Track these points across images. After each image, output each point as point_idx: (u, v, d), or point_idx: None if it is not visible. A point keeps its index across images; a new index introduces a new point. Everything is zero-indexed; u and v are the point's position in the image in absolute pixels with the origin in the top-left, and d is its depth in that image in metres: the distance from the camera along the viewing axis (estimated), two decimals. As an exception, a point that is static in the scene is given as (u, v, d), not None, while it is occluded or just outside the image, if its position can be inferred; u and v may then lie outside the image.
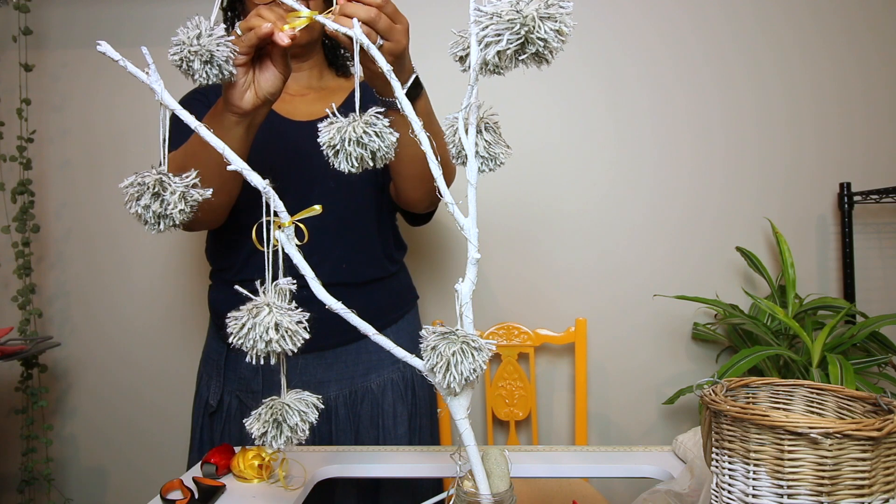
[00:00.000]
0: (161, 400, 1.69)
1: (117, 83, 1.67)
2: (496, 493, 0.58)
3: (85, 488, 1.72)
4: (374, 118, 0.56)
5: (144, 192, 0.53)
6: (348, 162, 0.56)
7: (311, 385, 1.02)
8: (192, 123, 0.56)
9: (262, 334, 0.53)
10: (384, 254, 1.09)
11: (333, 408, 1.03)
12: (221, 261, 1.07)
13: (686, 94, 1.63)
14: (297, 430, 0.58)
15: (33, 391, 1.61)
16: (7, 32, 1.61)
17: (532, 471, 0.86)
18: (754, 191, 1.62)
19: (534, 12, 0.48)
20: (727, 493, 0.55)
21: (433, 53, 1.62)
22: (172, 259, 1.69)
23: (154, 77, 0.54)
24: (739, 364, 1.24)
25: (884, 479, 0.51)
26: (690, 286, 1.61)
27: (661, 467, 0.84)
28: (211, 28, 0.57)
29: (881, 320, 1.31)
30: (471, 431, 0.58)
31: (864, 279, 1.59)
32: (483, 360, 0.54)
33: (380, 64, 0.58)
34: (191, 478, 0.82)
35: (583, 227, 1.64)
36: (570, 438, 1.66)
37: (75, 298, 1.71)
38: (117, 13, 1.67)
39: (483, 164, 0.58)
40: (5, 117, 1.59)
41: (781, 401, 0.66)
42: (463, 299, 0.56)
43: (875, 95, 1.61)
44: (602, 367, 1.65)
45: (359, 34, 0.58)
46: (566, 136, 1.64)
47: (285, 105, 1.04)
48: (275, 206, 0.56)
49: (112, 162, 1.69)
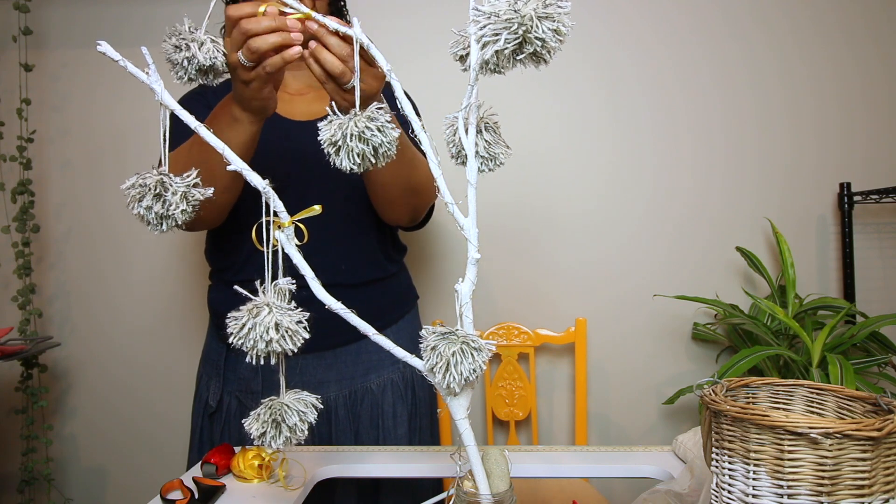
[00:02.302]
0: (161, 400, 1.69)
1: (117, 83, 1.67)
2: (496, 493, 0.58)
3: (85, 488, 1.72)
4: (376, 113, 0.56)
5: (146, 194, 0.53)
6: (350, 158, 0.55)
7: (310, 386, 1.02)
8: (192, 124, 0.56)
9: (263, 334, 0.53)
10: (383, 254, 1.09)
11: (333, 408, 1.03)
12: (221, 261, 1.07)
13: (686, 95, 1.62)
14: (296, 430, 0.58)
15: (33, 391, 1.61)
16: (7, 32, 1.61)
17: (532, 471, 0.86)
18: (754, 191, 1.62)
19: (531, 12, 0.48)
20: (727, 493, 0.55)
21: (433, 54, 1.63)
22: (172, 259, 1.69)
23: (154, 77, 0.54)
24: (739, 364, 1.24)
25: (884, 479, 0.51)
26: (690, 286, 1.61)
27: (661, 467, 0.84)
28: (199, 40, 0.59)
29: (881, 320, 1.31)
30: (471, 431, 0.58)
31: (864, 279, 1.59)
32: (483, 361, 0.54)
33: (380, 64, 0.58)
34: (191, 478, 0.82)
35: (583, 227, 1.64)
36: (570, 438, 1.66)
37: (75, 298, 1.71)
38: (117, 13, 1.67)
39: (483, 164, 0.58)
40: (5, 117, 1.59)
41: (781, 401, 0.66)
42: (463, 299, 0.56)
43: (875, 95, 1.61)
44: (602, 367, 1.65)
45: (358, 34, 0.58)
46: (566, 135, 1.64)
47: (284, 104, 1.04)
48: (274, 206, 0.56)
49: (112, 162, 1.69)
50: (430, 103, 1.22)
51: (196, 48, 0.58)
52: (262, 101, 0.74)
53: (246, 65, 0.67)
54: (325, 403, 1.02)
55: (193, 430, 1.09)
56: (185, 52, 0.58)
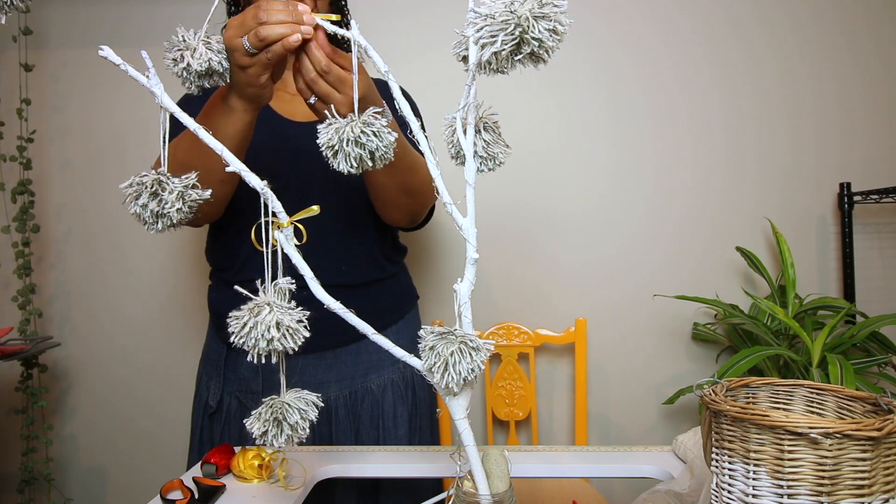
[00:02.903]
0: (161, 400, 1.69)
1: (117, 83, 1.67)
2: (496, 493, 0.58)
3: (85, 488, 1.72)
4: (372, 118, 0.56)
5: (143, 192, 0.53)
6: (347, 162, 0.56)
7: (311, 386, 1.01)
8: (191, 125, 0.56)
9: (264, 333, 0.54)
10: (383, 255, 1.09)
11: (333, 409, 1.03)
12: (221, 261, 1.07)
13: (686, 94, 1.62)
14: (298, 428, 0.58)
15: (33, 391, 1.61)
16: (7, 32, 1.61)
17: (532, 471, 0.86)
18: (754, 191, 1.62)
19: (527, 12, 0.48)
20: (727, 493, 0.55)
21: (433, 54, 1.63)
22: (172, 259, 1.69)
23: (154, 80, 0.54)
24: (739, 364, 1.24)
25: (884, 479, 0.50)
26: (690, 286, 1.61)
27: (661, 467, 0.84)
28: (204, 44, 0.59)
29: (881, 320, 1.31)
30: (470, 431, 0.58)
31: (864, 279, 1.59)
32: (481, 360, 0.54)
33: (378, 66, 0.58)
34: (191, 478, 0.82)
35: (583, 226, 1.64)
36: (570, 438, 1.66)
37: (75, 298, 1.71)
38: (117, 13, 1.67)
39: (482, 164, 0.58)
40: (5, 117, 1.59)
41: (781, 401, 0.66)
42: (461, 299, 0.56)
43: (875, 95, 1.61)
44: (602, 367, 1.65)
45: (356, 35, 0.58)
46: (566, 135, 1.64)
47: (285, 105, 1.04)
48: (273, 206, 0.56)
49: (112, 162, 1.69)
50: (430, 103, 1.22)
51: (189, 56, 0.59)
52: (259, 88, 0.73)
53: (249, 50, 0.67)
54: (325, 403, 1.02)
55: (193, 431, 1.09)
56: (181, 62, 0.58)
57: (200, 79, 0.61)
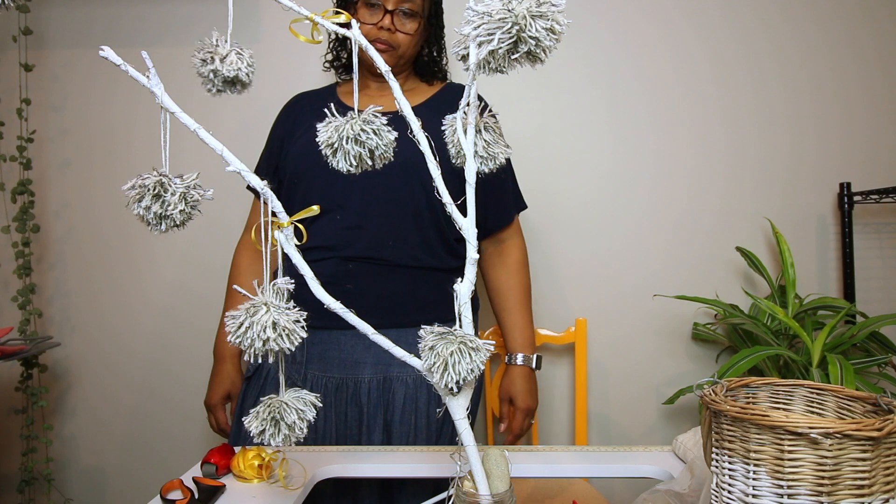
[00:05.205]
0: (161, 400, 1.69)
1: (117, 83, 1.67)
2: (496, 493, 0.58)
3: (85, 488, 1.72)
4: (372, 116, 0.56)
5: (145, 194, 0.53)
6: (346, 160, 0.56)
7: (348, 364, 1.02)
8: (192, 126, 0.56)
9: (260, 333, 0.54)
10: (443, 244, 1.07)
11: (366, 392, 1.03)
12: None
13: (686, 94, 1.62)
14: (295, 427, 0.58)
15: (33, 391, 1.61)
16: (7, 32, 1.61)
17: (532, 471, 0.86)
18: (754, 191, 1.62)
19: (525, 11, 0.48)
20: (727, 493, 0.55)
21: (433, 53, 1.63)
22: (173, 259, 1.69)
23: (154, 81, 0.55)
24: (739, 364, 1.24)
25: (884, 479, 0.50)
26: (690, 286, 1.61)
27: (661, 467, 0.84)
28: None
29: (881, 320, 1.31)
30: (470, 431, 0.58)
31: (864, 279, 1.59)
32: (481, 360, 0.54)
33: (378, 65, 0.58)
34: (191, 478, 0.82)
35: (582, 226, 1.64)
36: (570, 438, 1.66)
37: (75, 298, 1.71)
38: (117, 13, 1.67)
39: (482, 163, 0.58)
40: (5, 117, 1.59)
41: (781, 401, 0.66)
42: (461, 299, 0.56)
43: (875, 95, 1.61)
44: (602, 367, 1.65)
45: (357, 35, 0.58)
46: (565, 135, 1.64)
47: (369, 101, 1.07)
48: (273, 206, 0.56)
49: (112, 162, 1.69)
50: (430, 103, 1.22)
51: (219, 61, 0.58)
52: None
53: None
54: (357, 384, 1.04)
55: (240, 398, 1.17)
56: (210, 64, 0.58)
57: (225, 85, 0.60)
